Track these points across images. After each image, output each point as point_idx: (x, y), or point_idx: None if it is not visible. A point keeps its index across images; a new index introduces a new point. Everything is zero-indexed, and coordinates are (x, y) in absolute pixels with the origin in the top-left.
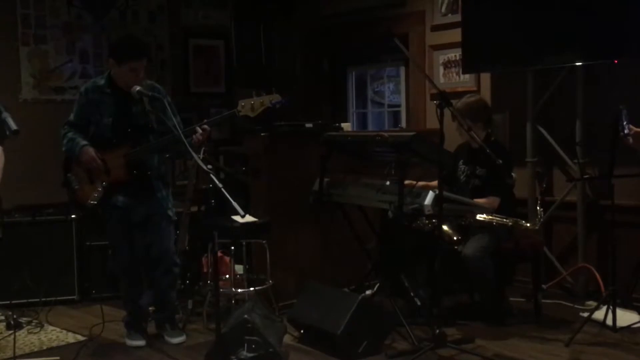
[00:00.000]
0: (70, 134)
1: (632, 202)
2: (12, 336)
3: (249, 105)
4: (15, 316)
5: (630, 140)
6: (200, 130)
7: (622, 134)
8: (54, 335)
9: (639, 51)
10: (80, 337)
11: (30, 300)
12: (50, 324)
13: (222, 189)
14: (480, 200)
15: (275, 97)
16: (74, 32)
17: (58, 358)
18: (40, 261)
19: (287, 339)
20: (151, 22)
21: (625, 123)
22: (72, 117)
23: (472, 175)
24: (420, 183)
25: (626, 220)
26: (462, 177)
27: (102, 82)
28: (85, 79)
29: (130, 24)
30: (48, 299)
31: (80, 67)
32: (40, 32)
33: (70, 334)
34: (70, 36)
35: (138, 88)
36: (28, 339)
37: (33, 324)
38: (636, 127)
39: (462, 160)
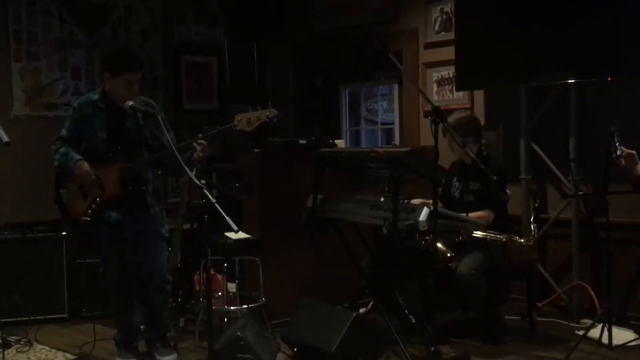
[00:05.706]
0: (63, 149)
1: (626, 219)
2: (1, 355)
3: (246, 120)
4: (4, 335)
5: (623, 162)
6: (198, 147)
7: (614, 155)
8: (43, 354)
9: (632, 69)
10: (69, 356)
11: (19, 319)
12: (40, 343)
13: (215, 204)
14: (474, 214)
15: (272, 112)
16: (66, 48)
17: None
18: (29, 279)
19: (280, 357)
20: (144, 39)
21: (617, 144)
22: (64, 132)
23: (466, 190)
24: (416, 200)
25: (620, 237)
26: (456, 193)
27: (95, 97)
28: (78, 96)
29: (123, 41)
30: (37, 317)
31: (72, 83)
32: (33, 49)
33: (59, 352)
34: (62, 53)
35: (131, 103)
36: (17, 358)
37: (22, 342)
38: (629, 147)
39: (455, 177)
